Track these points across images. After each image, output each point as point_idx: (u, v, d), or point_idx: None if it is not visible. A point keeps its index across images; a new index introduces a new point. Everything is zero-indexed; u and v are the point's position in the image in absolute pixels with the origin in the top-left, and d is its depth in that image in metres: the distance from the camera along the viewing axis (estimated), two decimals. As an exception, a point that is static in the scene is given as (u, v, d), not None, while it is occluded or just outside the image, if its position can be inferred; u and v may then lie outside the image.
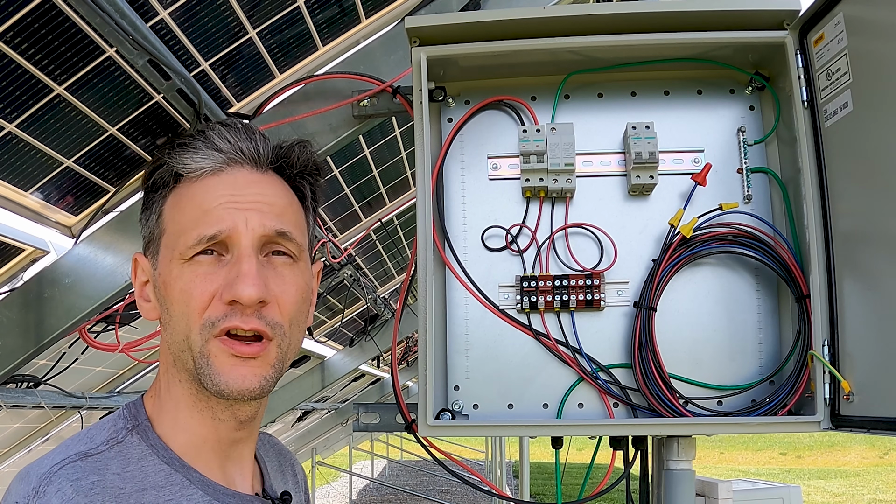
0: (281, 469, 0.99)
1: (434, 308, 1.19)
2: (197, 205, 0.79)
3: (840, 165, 1.13)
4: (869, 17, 1.04)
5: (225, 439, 0.82)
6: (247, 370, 0.77)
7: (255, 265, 0.77)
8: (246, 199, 0.79)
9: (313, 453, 10.78)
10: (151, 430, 0.79)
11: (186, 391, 0.80)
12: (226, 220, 0.77)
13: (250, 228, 0.78)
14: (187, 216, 0.79)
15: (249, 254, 0.77)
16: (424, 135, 1.20)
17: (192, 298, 0.76)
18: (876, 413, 1.05)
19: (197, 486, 0.78)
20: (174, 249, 0.78)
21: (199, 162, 0.80)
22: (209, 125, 0.82)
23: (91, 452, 0.74)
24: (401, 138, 3.16)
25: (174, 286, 0.77)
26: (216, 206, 0.78)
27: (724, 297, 1.24)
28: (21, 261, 2.05)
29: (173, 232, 0.79)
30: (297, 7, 1.84)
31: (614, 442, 1.26)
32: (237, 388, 0.76)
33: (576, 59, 1.24)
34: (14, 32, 1.33)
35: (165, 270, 0.79)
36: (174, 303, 0.77)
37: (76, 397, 2.84)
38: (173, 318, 0.78)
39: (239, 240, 0.77)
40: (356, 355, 6.05)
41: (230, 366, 0.76)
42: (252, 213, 0.78)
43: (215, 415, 0.81)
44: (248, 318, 0.76)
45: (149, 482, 0.75)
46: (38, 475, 0.71)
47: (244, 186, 0.80)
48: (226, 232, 0.77)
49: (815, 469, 19.04)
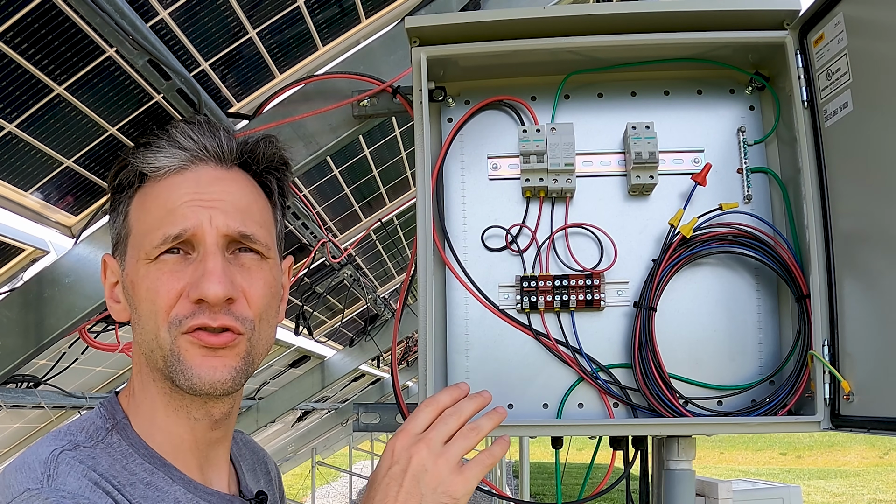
0: (253, 467, 0.99)
1: (434, 308, 1.19)
2: (161, 204, 0.78)
3: (840, 165, 1.13)
4: (869, 17, 1.04)
5: (202, 440, 0.82)
6: (217, 361, 0.77)
7: (220, 263, 0.77)
8: (210, 197, 0.79)
9: (313, 453, 10.78)
10: (130, 429, 0.79)
11: (160, 391, 0.80)
12: (190, 219, 0.77)
13: (214, 226, 0.78)
14: (152, 216, 0.79)
15: (214, 252, 0.77)
16: (424, 135, 1.20)
17: (158, 297, 0.76)
18: (876, 413, 1.05)
19: (179, 483, 0.78)
20: (140, 249, 0.78)
21: (162, 161, 0.79)
22: (173, 124, 0.82)
23: (81, 444, 0.74)
24: (401, 138, 3.16)
25: (141, 285, 0.77)
26: (180, 204, 0.78)
27: (724, 297, 1.24)
28: (21, 261, 2.05)
29: (139, 232, 0.79)
30: (297, 7, 1.84)
31: (614, 442, 1.26)
32: (209, 380, 0.77)
33: (576, 59, 1.24)
34: (14, 32, 1.33)
35: (133, 270, 0.79)
36: (141, 302, 0.77)
37: (76, 397, 2.84)
38: (142, 318, 0.78)
39: (203, 238, 0.77)
40: (356, 355, 6.05)
41: (200, 357, 0.77)
42: (216, 212, 0.78)
43: (190, 414, 0.81)
44: (217, 316, 0.76)
45: (134, 479, 0.75)
46: (41, 461, 0.70)
47: (208, 184, 0.80)
48: (190, 230, 0.77)
49: (815, 469, 19.04)
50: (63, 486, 0.68)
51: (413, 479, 0.77)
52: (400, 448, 0.79)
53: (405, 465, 0.78)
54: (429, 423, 0.81)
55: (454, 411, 0.83)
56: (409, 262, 1.30)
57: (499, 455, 0.84)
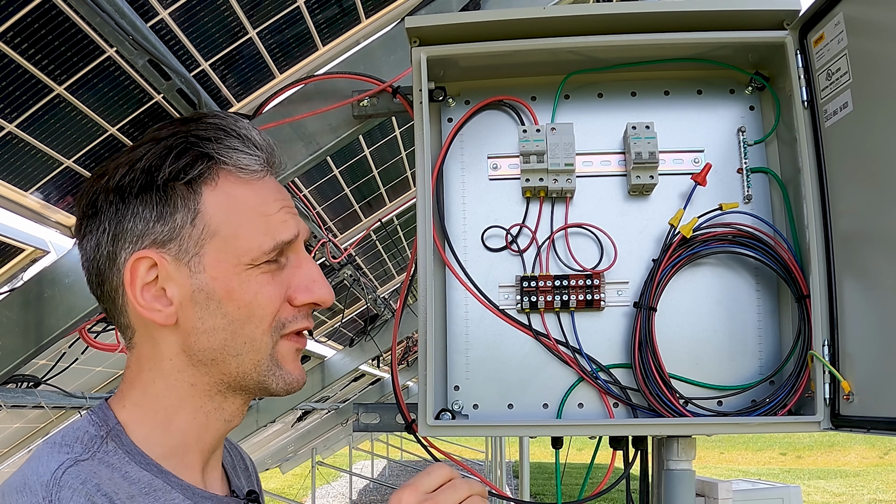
0: (233, 464, 0.99)
1: (434, 308, 1.19)
2: (255, 208, 0.78)
3: (840, 165, 1.13)
4: (869, 17, 1.04)
5: (215, 442, 0.83)
6: (299, 364, 0.83)
7: (319, 268, 0.82)
8: (290, 203, 0.82)
9: (313, 453, 10.78)
10: (125, 436, 0.77)
11: (200, 393, 0.79)
12: (293, 226, 0.80)
13: (301, 233, 0.81)
14: (248, 220, 0.77)
15: (310, 257, 0.82)
16: (424, 135, 1.20)
17: (270, 302, 0.78)
18: (876, 413, 1.05)
19: (177, 490, 0.77)
20: (241, 255, 0.76)
21: (255, 163, 0.79)
22: (229, 119, 0.79)
23: (80, 458, 0.73)
24: (401, 138, 3.16)
25: (246, 290, 0.77)
26: (277, 211, 0.79)
27: (724, 297, 1.24)
28: (21, 261, 2.05)
29: (234, 236, 0.76)
30: (297, 7, 1.84)
31: (614, 442, 1.26)
32: (300, 381, 0.83)
33: (576, 59, 1.24)
34: (14, 32, 1.33)
35: (227, 275, 0.76)
36: (242, 307, 0.77)
37: (76, 397, 2.84)
38: (234, 323, 0.77)
39: (300, 245, 0.81)
40: (356, 355, 6.05)
41: (292, 362, 0.82)
42: (298, 219, 0.82)
43: (222, 416, 0.81)
44: (309, 319, 0.82)
45: (136, 489, 0.74)
46: (42, 483, 0.68)
47: (282, 190, 0.83)
48: (297, 237, 0.80)
49: (815, 469, 19.04)
50: None
51: None
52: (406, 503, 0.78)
53: None
54: (439, 486, 0.79)
55: (467, 483, 0.81)
56: (409, 262, 1.30)
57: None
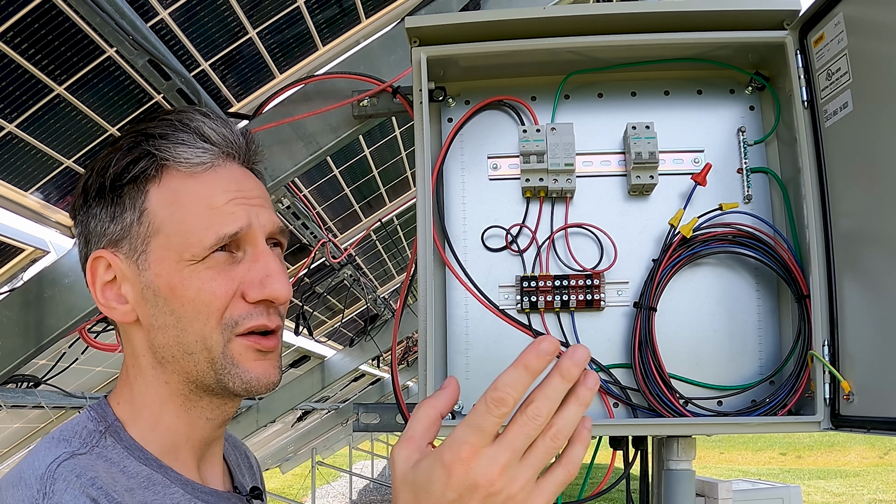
0: (238, 462, 0.99)
1: (434, 308, 1.18)
2: (201, 201, 0.76)
3: (840, 165, 1.13)
4: (869, 17, 1.04)
5: (206, 439, 0.82)
6: (268, 364, 0.78)
7: (279, 262, 0.77)
8: (251, 195, 0.78)
9: (313, 453, 10.79)
10: (124, 431, 0.77)
11: (174, 392, 0.79)
12: (242, 217, 0.76)
13: (261, 224, 0.77)
14: (192, 214, 0.76)
15: (268, 250, 0.77)
16: (424, 135, 1.20)
17: (214, 298, 0.74)
18: (876, 413, 1.05)
19: (177, 484, 0.77)
20: (183, 250, 0.75)
21: (199, 156, 0.77)
22: (186, 115, 0.79)
23: (77, 452, 0.72)
24: (401, 138, 3.16)
25: (188, 286, 0.75)
26: (226, 202, 0.76)
27: (724, 297, 1.24)
28: (21, 261, 2.05)
29: (177, 232, 0.76)
30: (297, 7, 1.84)
31: (614, 442, 1.26)
32: (265, 382, 0.78)
33: (576, 59, 1.24)
34: (14, 32, 1.33)
35: (169, 271, 0.75)
36: (188, 303, 0.75)
37: (76, 397, 2.84)
38: (182, 320, 0.75)
39: (255, 237, 0.77)
40: (356, 355, 6.06)
41: (254, 361, 0.77)
42: (259, 210, 0.78)
43: (203, 415, 0.80)
44: (272, 317, 0.77)
45: (134, 483, 0.74)
46: (37, 477, 0.68)
47: (242, 181, 0.79)
48: (245, 229, 0.76)
49: (815, 469, 19.03)
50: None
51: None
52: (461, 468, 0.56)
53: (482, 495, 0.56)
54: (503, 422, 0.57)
55: (573, 397, 0.57)
56: (409, 262, 1.30)
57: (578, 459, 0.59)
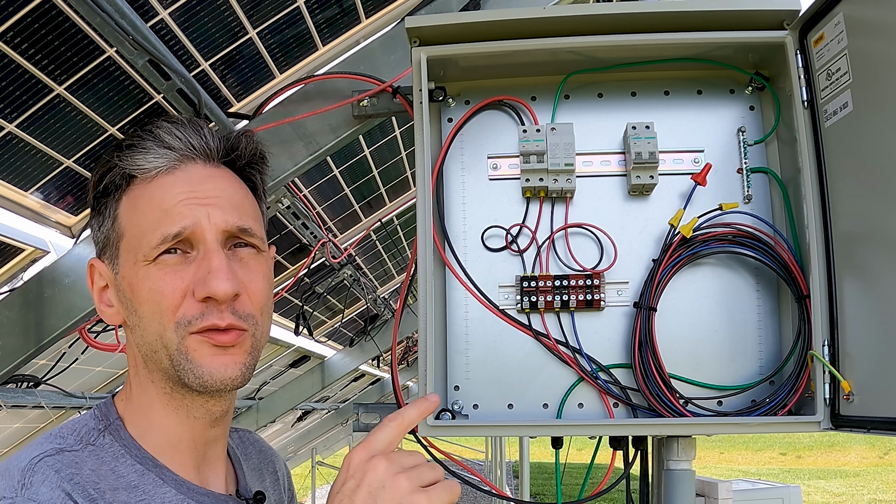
0: (259, 467, 0.99)
1: (434, 308, 1.18)
2: (155, 205, 0.78)
3: (840, 165, 1.13)
4: (869, 17, 1.04)
5: (200, 439, 0.83)
6: (227, 359, 0.78)
7: (224, 259, 0.77)
8: (205, 195, 0.79)
9: (313, 453, 10.79)
10: (123, 430, 0.79)
11: (160, 391, 0.80)
12: (188, 217, 0.77)
13: (213, 223, 0.78)
14: (146, 217, 0.78)
15: (216, 248, 0.77)
16: (424, 135, 1.20)
17: (163, 297, 0.76)
18: (876, 413, 1.05)
19: (170, 484, 0.78)
20: (137, 252, 0.78)
21: (152, 162, 0.79)
22: (156, 123, 0.81)
23: (66, 449, 0.74)
24: (401, 138, 3.16)
25: (142, 287, 0.77)
26: (175, 203, 0.77)
27: (724, 297, 1.24)
28: (21, 261, 2.05)
29: (134, 234, 0.79)
30: (297, 7, 1.84)
31: (614, 442, 1.26)
32: (220, 377, 0.77)
33: (576, 59, 1.24)
34: (14, 32, 1.33)
35: (130, 273, 0.78)
36: (143, 303, 0.77)
37: (76, 397, 2.84)
38: (143, 320, 0.77)
39: (203, 235, 0.77)
40: (356, 355, 6.06)
41: (210, 356, 0.77)
42: (212, 209, 0.78)
43: (190, 413, 0.81)
44: (224, 315, 0.77)
45: (121, 482, 0.75)
46: (20, 469, 0.71)
47: (200, 182, 0.80)
48: (189, 228, 0.77)
49: (815, 469, 19.03)
50: (35, 497, 0.68)
51: (368, 496, 0.69)
52: (357, 462, 0.71)
53: (360, 479, 0.70)
54: (393, 440, 0.73)
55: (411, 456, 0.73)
56: (409, 262, 1.30)
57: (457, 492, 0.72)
